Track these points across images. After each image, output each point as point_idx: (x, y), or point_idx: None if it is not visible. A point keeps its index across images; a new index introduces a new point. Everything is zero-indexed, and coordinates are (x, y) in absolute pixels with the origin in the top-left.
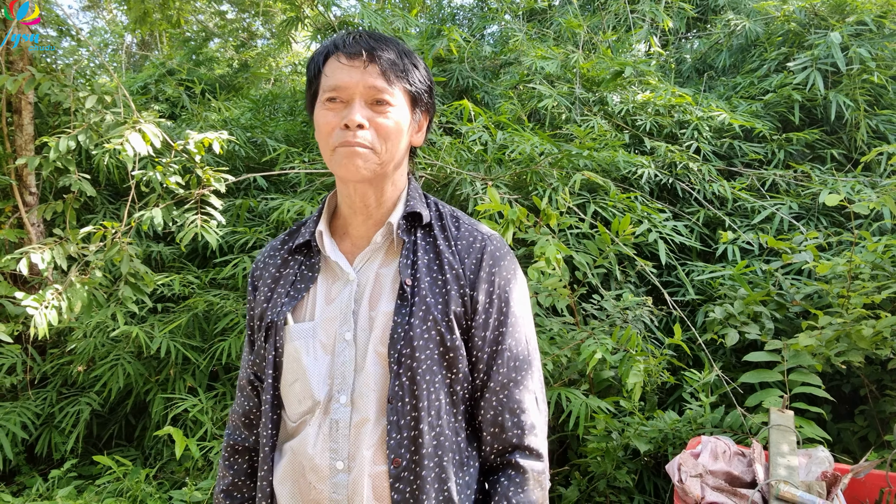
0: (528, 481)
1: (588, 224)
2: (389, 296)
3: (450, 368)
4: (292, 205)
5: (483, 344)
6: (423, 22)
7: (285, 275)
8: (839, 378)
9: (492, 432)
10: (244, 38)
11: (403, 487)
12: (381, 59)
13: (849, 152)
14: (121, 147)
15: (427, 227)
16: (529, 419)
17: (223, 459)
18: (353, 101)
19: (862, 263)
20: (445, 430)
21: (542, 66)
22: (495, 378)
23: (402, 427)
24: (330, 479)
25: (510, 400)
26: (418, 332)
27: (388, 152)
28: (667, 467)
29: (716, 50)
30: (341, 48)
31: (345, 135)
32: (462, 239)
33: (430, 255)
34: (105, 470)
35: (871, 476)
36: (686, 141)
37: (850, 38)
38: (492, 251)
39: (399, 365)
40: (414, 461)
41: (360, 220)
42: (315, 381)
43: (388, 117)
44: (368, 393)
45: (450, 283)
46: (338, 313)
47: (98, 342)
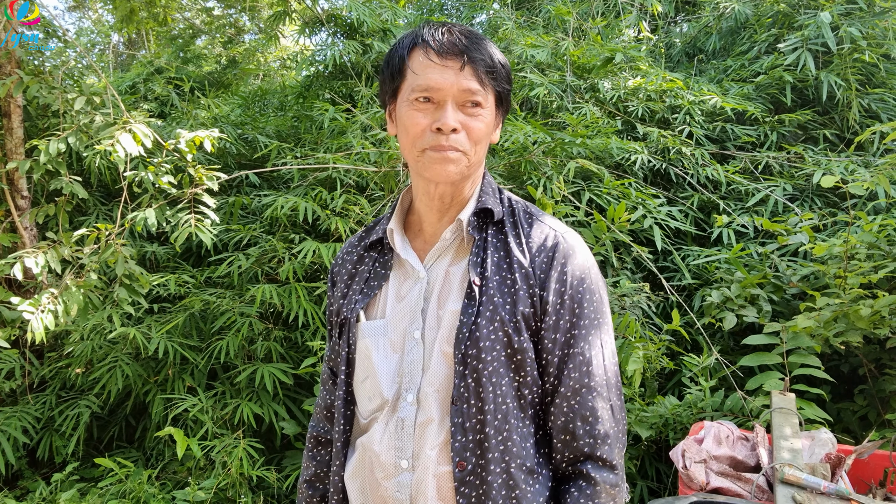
0: (600, 494)
1: (583, 212)
2: (457, 294)
3: (517, 371)
4: (286, 201)
5: (554, 347)
6: (411, 12)
7: (360, 271)
8: (838, 358)
9: (563, 440)
10: (232, 34)
11: (469, 492)
12: (476, 61)
13: (841, 132)
14: (111, 148)
15: (499, 224)
16: (602, 428)
17: (307, 451)
18: (445, 104)
19: (858, 243)
20: (513, 435)
21: (533, 55)
22: (566, 383)
23: (467, 429)
24: (395, 477)
25: (582, 407)
26: (485, 333)
27: (478, 154)
28: (671, 454)
29: (705, 33)
30: (433, 45)
31: (437, 138)
32: (534, 236)
33: (500, 254)
34: (107, 472)
35: (875, 456)
36: (678, 126)
37: (841, 18)
38: (564, 249)
39: (464, 366)
40: (480, 465)
41: (434, 217)
42: (384, 378)
43: (481, 121)
44: (433, 392)
45: (518, 282)
46: (407, 311)
47: (95, 344)
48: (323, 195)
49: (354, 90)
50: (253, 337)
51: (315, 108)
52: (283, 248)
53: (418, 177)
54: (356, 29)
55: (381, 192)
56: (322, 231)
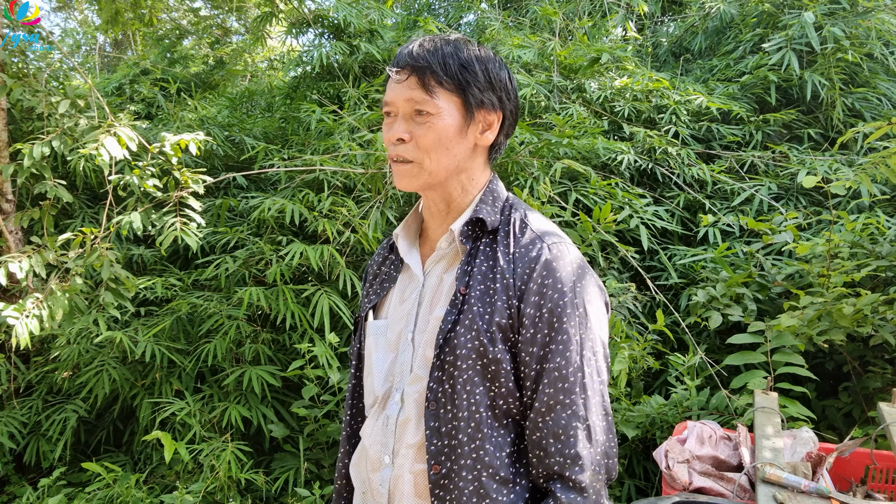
0: None
1: (570, 212)
2: (444, 301)
3: (492, 381)
4: (273, 203)
5: (531, 360)
6: (398, 13)
7: (382, 272)
8: (822, 356)
9: (536, 455)
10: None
11: (443, 494)
12: (422, 70)
13: (825, 131)
14: (96, 152)
15: (493, 234)
16: (574, 449)
17: (342, 431)
18: (398, 116)
19: (841, 242)
20: (486, 445)
21: (520, 55)
22: (541, 398)
23: (442, 434)
24: (379, 471)
25: (555, 424)
26: (462, 341)
27: (434, 161)
28: (654, 454)
29: (691, 33)
30: (393, 62)
31: (394, 149)
32: (520, 248)
33: (488, 263)
34: (95, 477)
35: (856, 454)
36: (664, 125)
37: (824, 18)
38: (547, 260)
39: (442, 371)
40: (453, 470)
41: (436, 224)
42: (378, 376)
43: (429, 128)
44: (413, 393)
45: (498, 292)
46: (405, 314)
47: (82, 348)
48: (310, 197)
49: (342, 91)
50: (240, 340)
51: (302, 109)
52: (271, 250)
53: None
54: (343, 30)
55: (368, 194)
56: (309, 233)
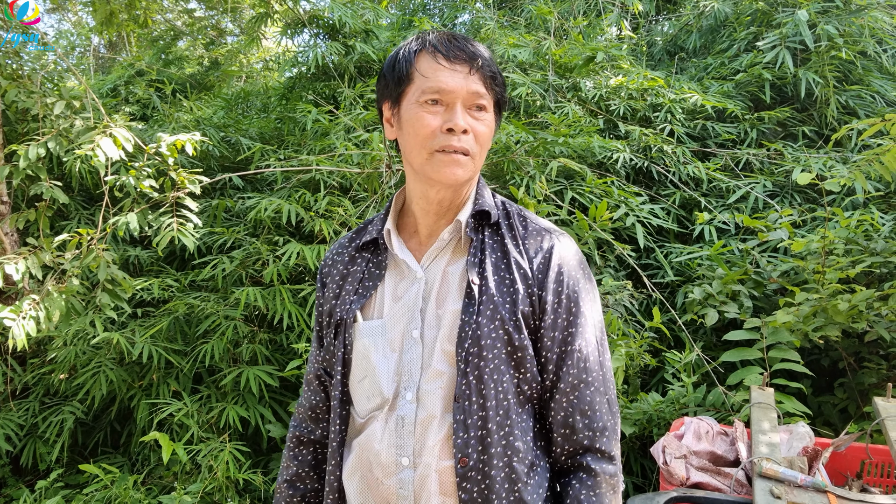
0: (601, 484)
1: (566, 211)
2: (457, 294)
3: (517, 368)
4: (269, 203)
5: (552, 344)
6: (394, 13)
7: (353, 272)
8: (818, 352)
9: (562, 433)
10: (213, 36)
11: (471, 487)
12: (482, 67)
13: (820, 128)
14: (92, 153)
15: (494, 226)
16: (601, 421)
17: (288, 450)
18: (454, 105)
19: (836, 239)
20: (514, 430)
21: (515, 55)
22: (565, 379)
23: (469, 426)
24: (396, 474)
25: (581, 401)
26: (486, 331)
27: (481, 157)
28: (651, 450)
29: (686, 31)
30: (440, 49)
31: (448, 139)
32: (530, 238)
33: (497, 254)
34: (92, 478)
35: (852, 449)
36: (660, 124)
37: (818, 16)
38: (560, 252)
39: (466, 364)
40: (482, 461)
41: (432, 219)
42: (384, 377)
43: (486, 125)
44: (435, 390)
45: (517, 282)
46: (405, 311)
47: (79, 350)
48: (307, 197)
49: (337, 91)
50: (238, 340)
51: (298, 109)
52: (268, 250)
53: (420, 180)
54: (338, 30)
55: (364, 194)
56: (306, 233)
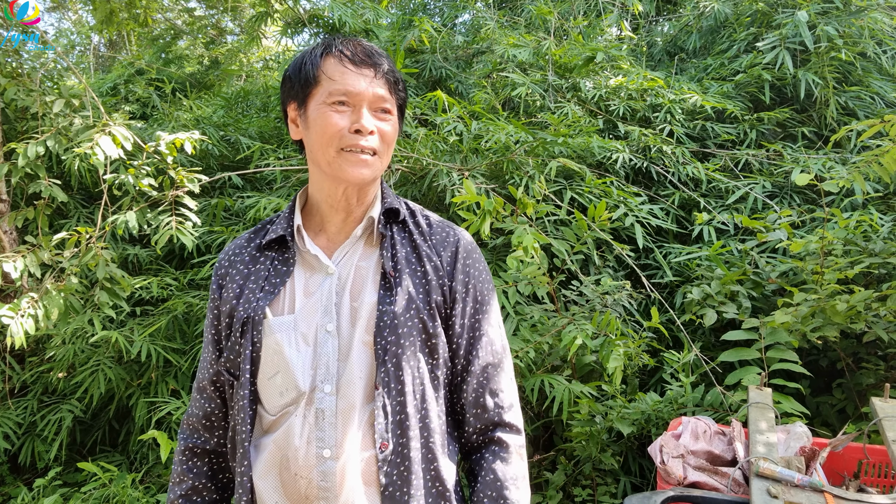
0: (512, 454)
1: (565, 211)
2: (372, 287)
3: (431, 355)
4: (268, 202)
5: (462, 331)
6: (394, 13)
7: (256, 271)
8: (816, 353)
9: (474, 413)
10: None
11: (391, 470)
12: (385, 71)
13: (819, 129)
14: (91, 151)
15: (402, 223)
16: (509, 399)
17: (180, 464)
18: (361, 107)
19: (834, 239)
20: (430, 413)
21: (515, 54)
22: (475, 362)
23: (388, 412)
24: (317, 467)
25: (490, 381)
26: (402, 321)
27: (387, 156)
28: (649, 449)
29: (686, 32)
30: (347, 54)
31: (355, 139)
32: (436, 234)
33: (407, 249)
34: (90, 477)
35: (849, 448)
36: (659, 124)
37: (818, 17)
38: (465, 245)
39: (385, 352)
40: (401, 444)
41: (340, 218)
42: (299, 372)
43: (391, 125)
44: (355, 381)
45: (429, 273)
46: (319, 306)
47: (77, 348)
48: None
49: None
50: None
51: None
52: None
53: (327, 179)
54: (338, 29)
55: None
56: None
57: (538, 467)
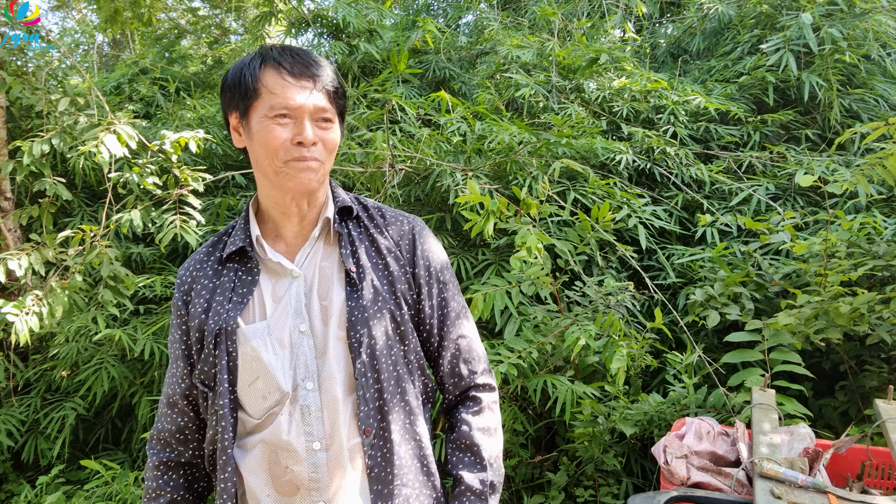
0: (484, 408)
1: (568, 211)
2: (339, 285)
3: (402, 341)
4: None
5: (433, 311)
6: (397, 13)
7: (221, 284)
8: (819, 355)
9: (452, 382)
10: (217, 35)
11: (375, 453)
12: (325, 82)
13: (823, 132)
14: (96, 149)
15: (356, 219)
16: (480, 363)
17: (155, 479)
18: (303, 119)
19: (838, 242)
20: (406, 395)
21: (518, 55)
22: (448, 337)
23: (368, 400)
24: (307, 460)
25: (462, 352)
26: (371, 313)
27: (329, 163)
28: (652, 449)
29: (689, 34)
30: (286, 66)
31: (299, 150)
32: (391, 225)
33: (365, 243)
34: (93, 474)
35: (853, 450)
36: (663, 126)
37: (822, 19)
38: (419, 231)
39: (360, 345)
40: (382, 427)
41: (294, 223)
42: (279, 374)
43: (333, 133)
44: (335, 374)
45: (391, 265)
46: (289, 309)
47: (81, 346)
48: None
49: None
50: None
51: None
52: None
53: (275, 188)
54: (342, 30)
55: (367, 193)
56: None
57: (540, 468)
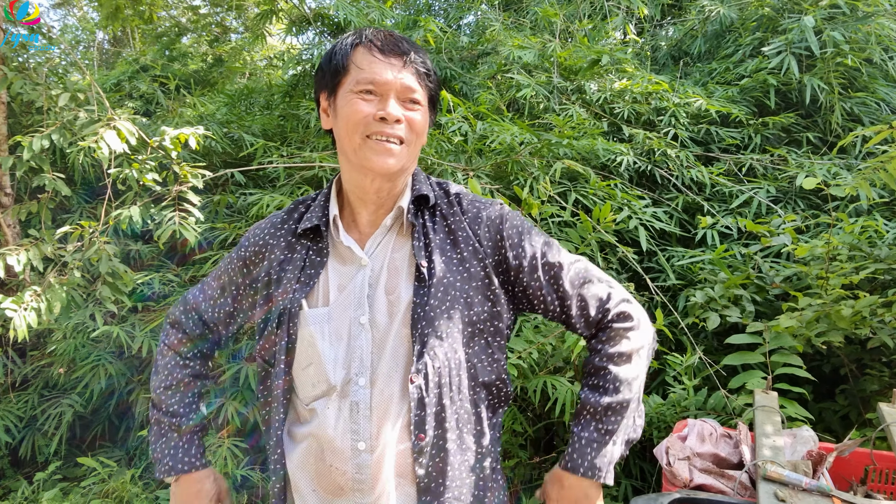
0: (615, 337)
1: (569, 212)
2: (407, 279)
3: (468, 344)
4: (271, 199)
5: (540, 284)
6: (398, 13)
7: (293, 260)
8: (819, 358)
9: (588, 328)
10: (218, 33)
11: (427, 462)
12: (415, 63)
13: (824, 135)
14: (95, 145)
15: (433, 208)
16: (607, 300)
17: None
18: (388, 96)
19: (839, 245)
20: (466, 404)
21: (520, 56)
22: (566, 293)
23: (426, 404)
24: (352, 459)
25: (587, 299)
26: (438, 312)
27: (416, 146)
28: (655, 451)
29: (691, 36)
30: (376, 43)
31: (380, 126)
32: (468, 212)
33: (441, 235)
34: (90, 471)
35: (856, 454)
36: (664, 128)
37: (824, 22)
38: (498, 212)
39: (423, 345)
40: (437, 434)
41: (370, 209)
42: (330, 365)
43: (421, 114)
44: (391, 373)
45: (467, 260)
46: (352, 298)
47: (78, 343)
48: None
49: None
50: (237, 336)
51: (302, 107)
52: None
53: (355, 169)
54: (343, 28)
55: None
56: None
57: (539, 469)
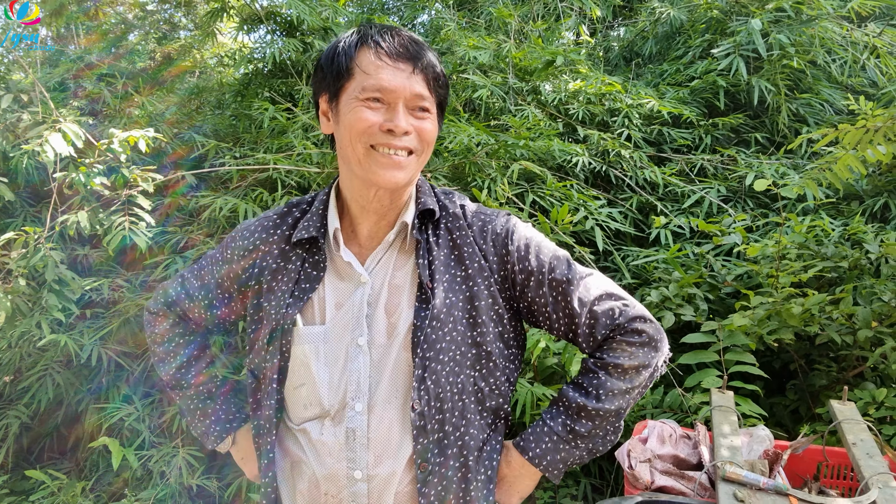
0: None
1: (527, 213)
2: (408, 298)
3: (473, 367)
4: (225, 202)
5: (546, 300)
6: (352, 11)
7: (286, 270)
8: (770, 354)
9: (593, 345)
10: (166, 30)
11: (429, 491)
12: (426, 68)
13: (771, 135)
14: (40, 148)
15: (437, 222)
16: (617, 315)
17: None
18: (396, 105)
19: (789, 244)
20: (470, 429)
21: (475, 56)
22: (574, 310)
23: (428, 432)
24: (347, 488)
25: (597, 316)
26: (441, 335)
27: (425, 157)
28: (616, 454)
29: (642, 38)
30: (384, 46)
31: (388, 138)
32: (473, 226)
33: (445, 251)
34: (39, 485)
35: (809, 451)
36: (617, 128)
37: (770, 25)
38: (504, 225)
39: (423, 369)
40: (438, 463)
41: (372, 221)
42: (324, 388)
43: (430, 123)
44: (390, 399)
45: (471, 276)
46: (350, 318)
47: (24, 352)
48: (264, 196)
49: (295, 89)
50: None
51: (254, 107)
52: None
53: (357, 179)
54: (296, 27)
55: None
56: None
57: None
